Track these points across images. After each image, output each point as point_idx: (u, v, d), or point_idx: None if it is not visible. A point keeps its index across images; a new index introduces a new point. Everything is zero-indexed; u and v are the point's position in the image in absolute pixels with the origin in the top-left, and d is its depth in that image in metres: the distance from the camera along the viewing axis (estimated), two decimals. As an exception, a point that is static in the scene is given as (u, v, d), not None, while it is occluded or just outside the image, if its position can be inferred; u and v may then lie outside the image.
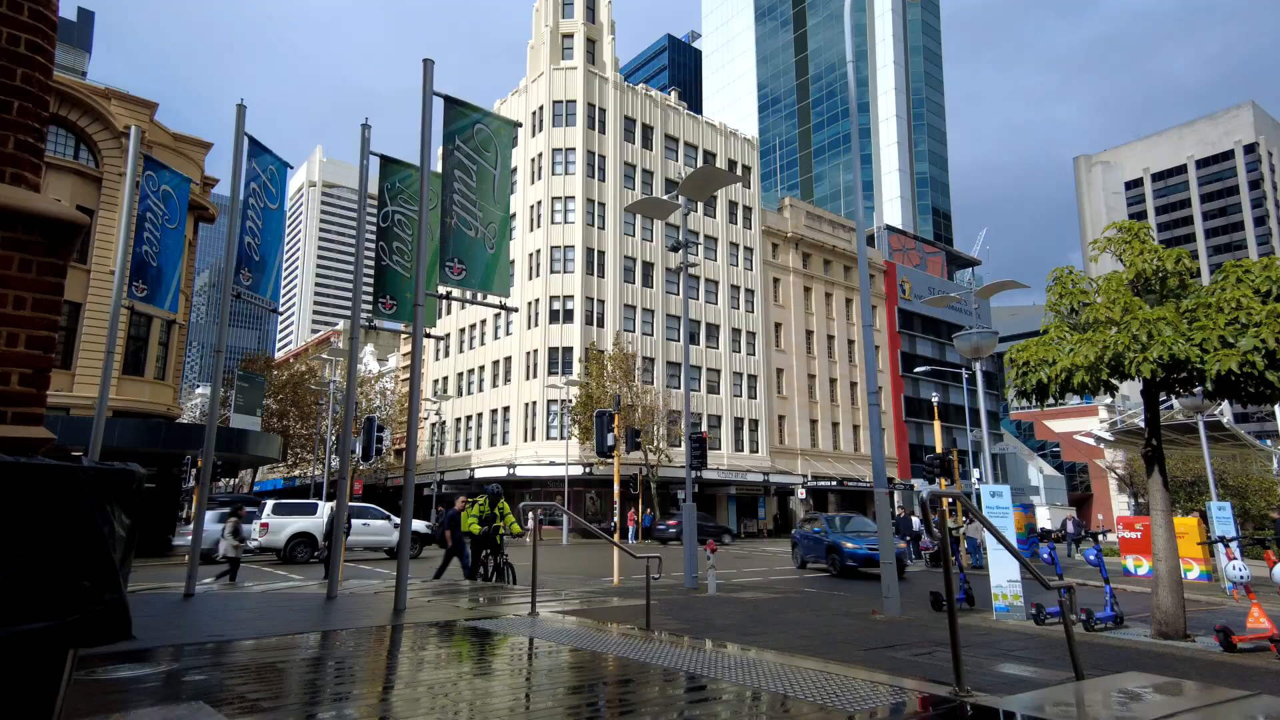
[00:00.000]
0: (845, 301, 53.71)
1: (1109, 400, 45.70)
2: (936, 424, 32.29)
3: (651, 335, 42.71)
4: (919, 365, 52.04)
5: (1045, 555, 11.00)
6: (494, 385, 44.20)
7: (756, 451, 45.49)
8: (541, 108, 43.09)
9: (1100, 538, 11.67)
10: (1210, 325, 8.34)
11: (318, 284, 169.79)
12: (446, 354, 49.47)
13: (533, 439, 40.27)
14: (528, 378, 41.16)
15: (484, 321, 45.76)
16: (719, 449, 43.22)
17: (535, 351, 40.98)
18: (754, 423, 45.92)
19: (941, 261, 68.29)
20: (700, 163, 46.45)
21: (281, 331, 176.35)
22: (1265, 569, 11.24)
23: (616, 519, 25.32)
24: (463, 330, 48.13)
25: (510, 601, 10.26)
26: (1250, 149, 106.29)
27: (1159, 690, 4.65)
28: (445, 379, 49.23)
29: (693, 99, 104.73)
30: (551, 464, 37.45)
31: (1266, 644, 7.89)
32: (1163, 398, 9.82)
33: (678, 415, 38.55)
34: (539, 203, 42.33)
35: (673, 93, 48.83)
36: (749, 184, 49.23)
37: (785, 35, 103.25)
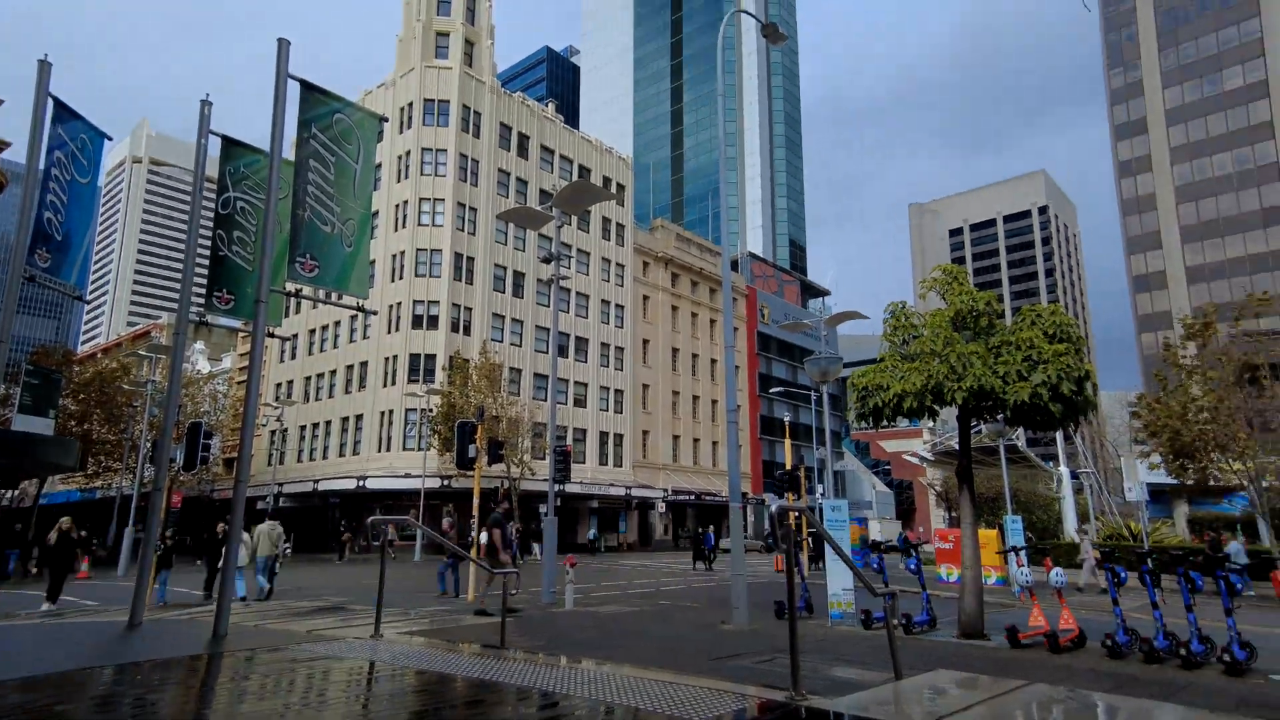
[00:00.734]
0: (709, 322, 56.02)
1: (931, 424, 51.05)
2: (787, 442, 34.48)
3: (520, 346, 42.05)
4: (774, 386, 55.37)
5: (875, 565, 12.00)
6: (346, 391, 41.37)
7: (620, 465, 46.02)
8: (411, 104, 41.34)
9: (919, 548, 12.95)
10: (1011, 360, 9.58)
11: (138, 272, 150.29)
12: (293, 356, 45.66)
13: (387, 449, 38.08)
14: (385, 384, 38.94)
15: (338, 323, 42.80)
16: (583, 462, 43.23)
17: (395, 357, 38.90)
18: (619, 437, 46.47)
19: (797, 290, 73.31)
20: (576, 176, 46.68)
21: (89, 323, 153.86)
22: (1044, 574, 13.01)
23: (475, 533, 24.46)
24: (313, 331, 44.70)
25: (353, 623, 9.58)
26: (1043, 210, 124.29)
27: (960, 685, 5.24)
28: (290, 383, 45.38)
29: (570, 113, 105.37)
30: (407, 476, 35.58)
31: (1042, 639, 9.11)
32: (973, 423, 11.11)
33: (543, 427, 38.15)
34: (405, 202, 40.45)
35: (550, 104, 48.82)
36: (623, 202, 50.15)
37: (662, 62, 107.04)
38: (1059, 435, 38.12)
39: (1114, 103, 66.32)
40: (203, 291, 10.03)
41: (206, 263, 10.07)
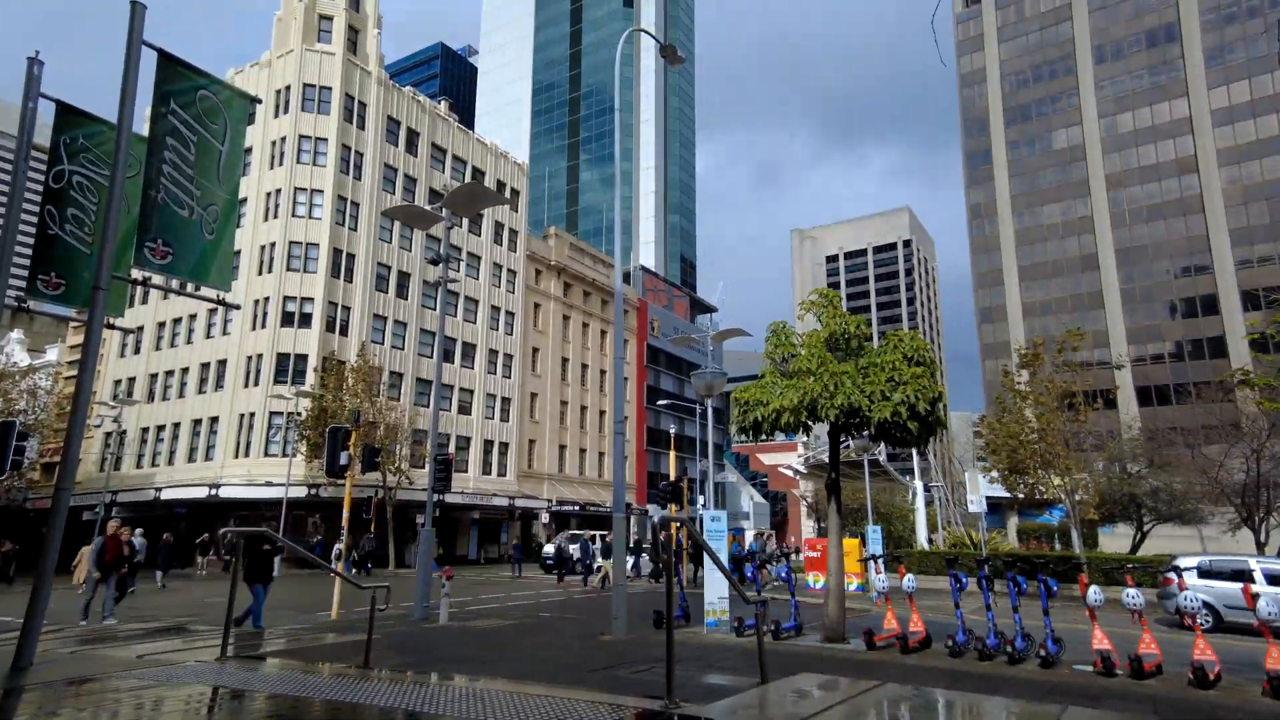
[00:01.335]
0: (600, 333, 56.27)
1: (805, 438, 54.02)
2: (672, 453, 35.19)
3: (402, 349, 40.22)
4: (661, 398, 56.42)
5: (749, 573, 12.48)
6: (200, 391, 37.73)
7: (504, 475, 45.03)
8: (289, 88, 38.67)
9: (790, 557, 13.64)
10: (876, 381, 10.34)
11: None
12: (137, 351, 41.06)
13: (246, 455, 35.04)
14: (247, 385, 35.88)
15: (193, 316, 39.01)
16: (466, 471, 41.91)
17: (260, 356, 35.96)
18: (504, 446, 45.48)
19: (687, 305, 75.31)
20: (469, 178, 45.51)
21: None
22: (898, 580, 14.08)
23: (342, 545, 22.99)
24: (162, 325, 40.46)
25: (196, 645, 8.69)
26: (907, 244, 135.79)
27: (822, 687, 5.56)
28: (132, 380, 40.75)
29: (465, 114, 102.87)
30: (268, 484, 32.88)
31: (894, 641, 9.85)
32: (842, 438, 11.88)
33: (425, 435, 36.66)
34: (277, 191, 37.66)
35: (443, 102, 47.35)
36: (517, 208, 49.46)
37: (561, 72, 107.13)
38: (915, 451, 41.49)
39: (966, 151, 73.84)
40: (23, 273, 8.79)
41: (32, 242, 8.85)
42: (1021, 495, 28.22)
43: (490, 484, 43.42)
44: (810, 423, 11.06)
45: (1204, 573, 15.07)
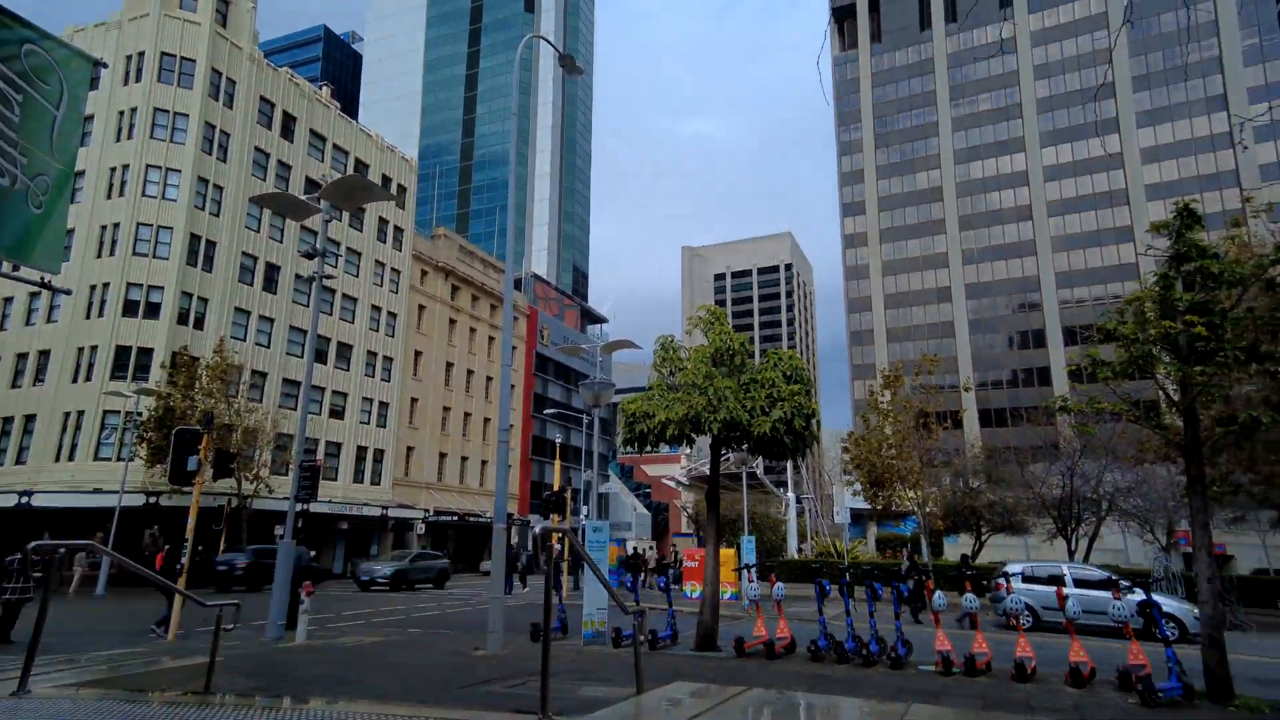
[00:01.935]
0: (488, 339, 54.93)
1: (688, 450, 55.28)
2: (557, 463, 34.90)
3: (268, 347, 37.20)
4: (548, 407, 55.88)
5: (629, 584, 12.57)
6: (15, 385, 32.97)
7: (378, 483, 42.66)
8: (143, 54, 34.91)
9: (670, 569, 13.86)
10: (757, 397, 10.80)
11: None
12: (-65, 335, 35.26)
13: (70, 459, 30.95)
14: (76, 380, 31.76)
15: (8, 300, 34.11)
16: (335, 479, 39.33)
17: (94, 348, 31.97)
18: (379, 453, 43.13)
19: (577, 315, 75.25)
20: (351, 170, 43.11)
21: None
22: (769, 588, 14.73)
23: (185, 560, 20.77)
24: (-30, 306, 35.03)
25: (-8, 682, 7.50)
26: (788, 267, 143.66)
27: (693, 695, 5.69)
28: (-73, 369, 34.90)
29: (348, 103, 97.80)
30: (97, 491, 29.18)
31: (761, 647, 10.27)
32: (723, 451, 12.28)
33: (290, 439, 34.10)
34: (125, 166, 33.81)
35: (325, 88, 44.61)
36: (404, 205, 47.40)
37: (457, 69, 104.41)
38: (790, 464, 43.63)
39: (842, 184, 79.43)
40: None
41: None
42: (880, 507, 30.45)
43: (362, 493, 41.01)
44: (694, 435, 11.36)
45: (1026, 578, 16.93)
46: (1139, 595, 10.15)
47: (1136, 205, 63.68)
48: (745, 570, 17.25)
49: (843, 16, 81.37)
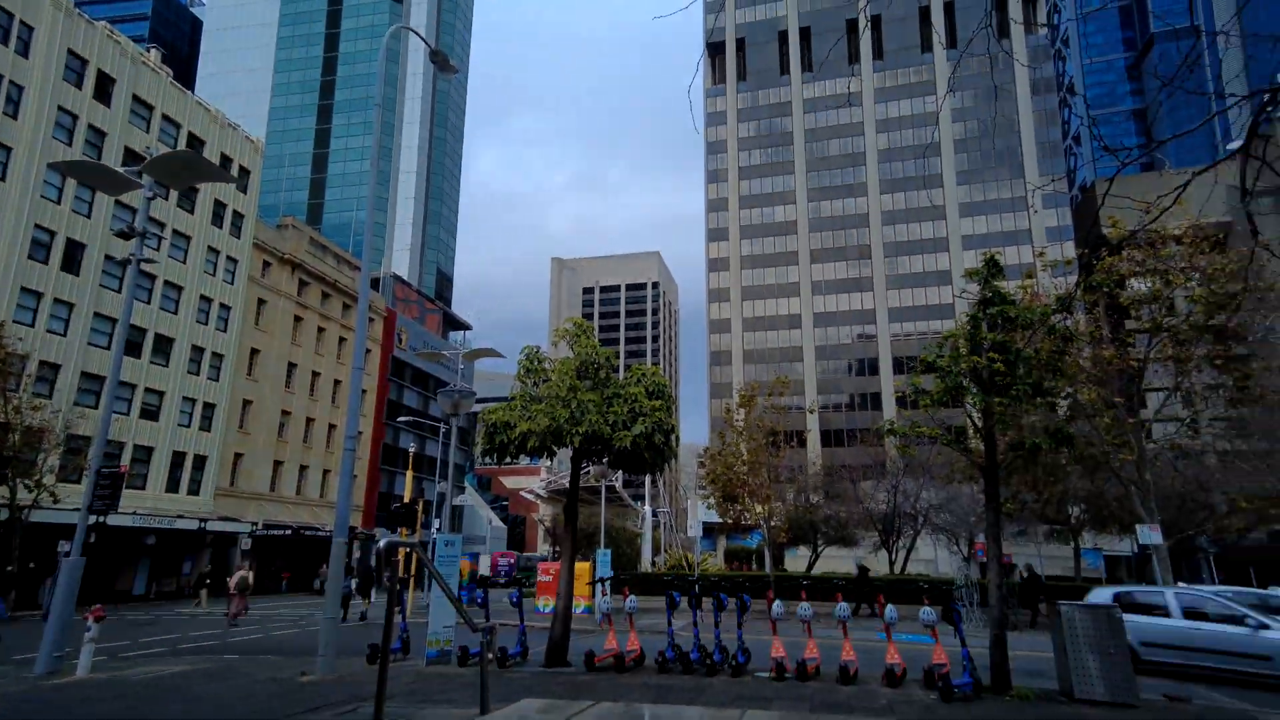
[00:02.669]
0: (339, 339, 51.22)
1: (549, 463, 54.80)
2: (409, 474, 33.14)
3: (64, 335, 32.18)
4: (403, 415, 52.97)
5: (480, 599, 12.18)
6: None
7: (198, 493, 38.11)
8: (-79, -21, 29.37)
9: (523, 582, 13.62)
10: (620, 411, 10.94)
11: None
12: None
13: None
14: None
15: None
16: (143, 488, 34.66)
17: None
18: (201, 459, 38.59)
19: (439, 319, 72.32)
20: (184, 145, 38.67)
21: None
22: (622, 601, 14.90)
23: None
24: None
25: None
26: (655, 286, 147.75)
27: (541, 712, 5.59)
28: None
29: (183, 72, 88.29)
30: None
31: (611, 660, 10.35)
32: (584, 464, 12.30)
33: (86, 442, 29.64)
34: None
35: (154, 51, 39.76)
36: (246, 189, 43.20)
37: (314, 50, 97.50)
38: (648, 478, 44.51)
39: (709, 210, 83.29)
40: None
41: None
42: (731, 521, 31.88)
43: (175, 503, 36.46)
44: (555, 448, 11.29)
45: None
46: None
47: (954, 253, 72.34)
48: (599, 584, 17.30)
49: (715, 53, 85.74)
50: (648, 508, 41.17)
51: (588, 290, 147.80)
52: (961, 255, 70.64)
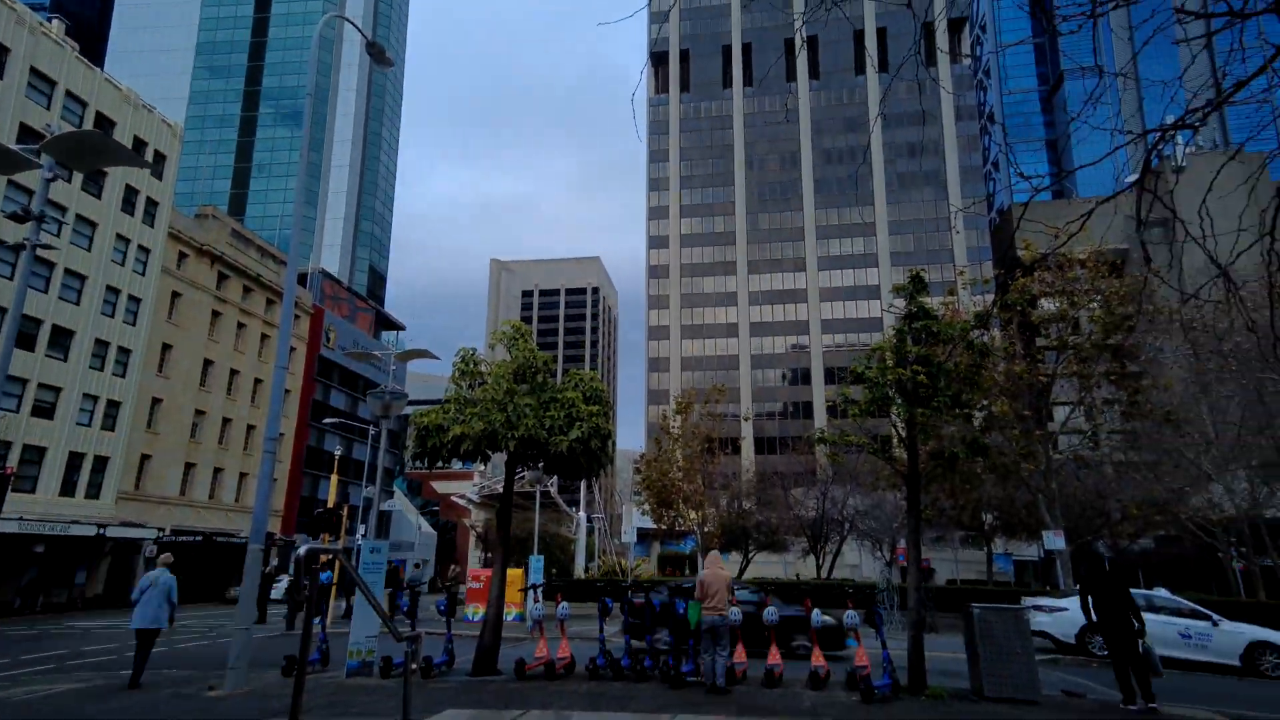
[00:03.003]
0: (261, 337, 48.79)
1: (483, 468, 53.81)
2: (334, 477, 31.83)
3: (-54, 323, 29.41)
4: (329, 416, 50.88)
5: (404, 606, 11.82)
6: None
7: (98, 497, 35.46)
8: None
9: (453, 589, 13.28)
10: (556, 416, 10.85)
11: None
12: None
13: None
14: None
15: None
16: (33, 491, 32.02)
17: None
18: (102, 461, 35.94)
19: (371, 319, 69.96)
20: (91, 125, 36.14)
21: None
22: (554, 608, 14.75)
23: None
24: None
25: None
26: (595, 291, 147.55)
27: (467, 722, 5.46)
28: None
29: (91, 47, 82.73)
30: None
31: (542, 668, 10.23)
32: (519, 469, 12.12)
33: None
34: None
35: (57, 22, 37.01)
36: (163, 175, 40.71)
37: (240, 34, 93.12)
38: (583, 484, 44.27)
39: (650, 217, 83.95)
40: None
41: None
42: (665, 527, 32.10)
43: (71, 508, 33.84)
44: (490, 452, 11.09)
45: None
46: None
47: (884, 268, 75.37)
48: (532, 590, 17.06)
49: (658, 62, 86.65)
50: (582, 513, 40.93)
51: (527, 293, 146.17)
52: (890, 271, 73.66)
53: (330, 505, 26.61)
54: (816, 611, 10.36)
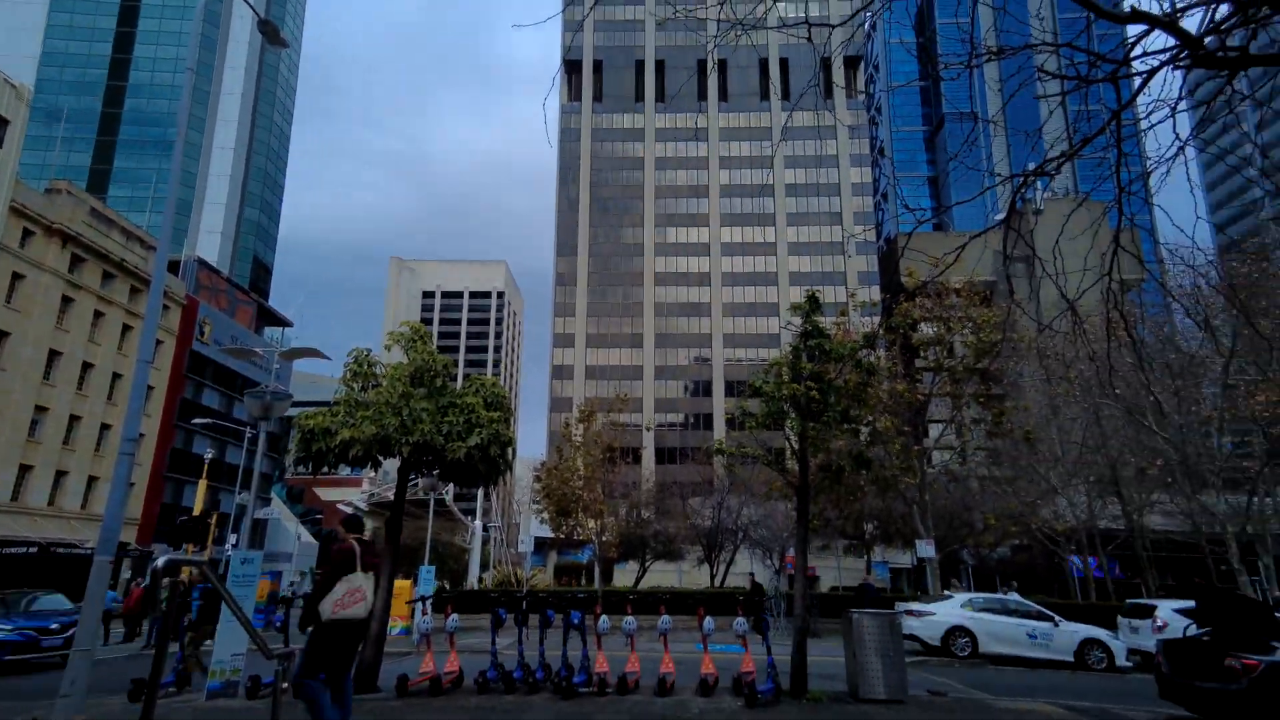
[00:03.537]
0: (123, 328, 44.23)
1: (373, 474, 51.30)
2: (203, 483, 29.28)
3: None
4: (201, 416, 46.75)
5: (278, 621, 11.05)
6: None
7: (-96, 506, 30.80)
8: None
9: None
10: (455, 421, 10.51)
11: None
12: None
13: None
14: None
15: None
16: None
17: None
18: (-87, 463, 31.27)
19: (253, 313, 65.14)
20: (-72, 75, 31.68)
21: None
22: (444, 620, 14.22)
23: None
24: None
25: None
26: (500, 295, 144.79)
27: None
28: None
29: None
30: None
31: (426, 684, 9.83)
32: (413, 476, 11.65)
33: None
34: None
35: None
36: (2, 141, 36.23)
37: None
38: (481, 492, 43.07)
39: (559, 224, 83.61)
40: None
41: None
42: (564, 536, 31.83)
43: (-127, 518, 29.20)
44: (382, 458, 10.60)
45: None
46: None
47: (783, 287, 78.74)
48: (420, 602, 16.41)
49: (572, 70, 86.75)
50: (478, 522, 39.81)
51: (428, 294, 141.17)
52: (789, 290, 77.00)
53: (197, 513, 24.45)
54: (709, 619, 10.58)
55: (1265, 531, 21.33)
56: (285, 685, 5.42)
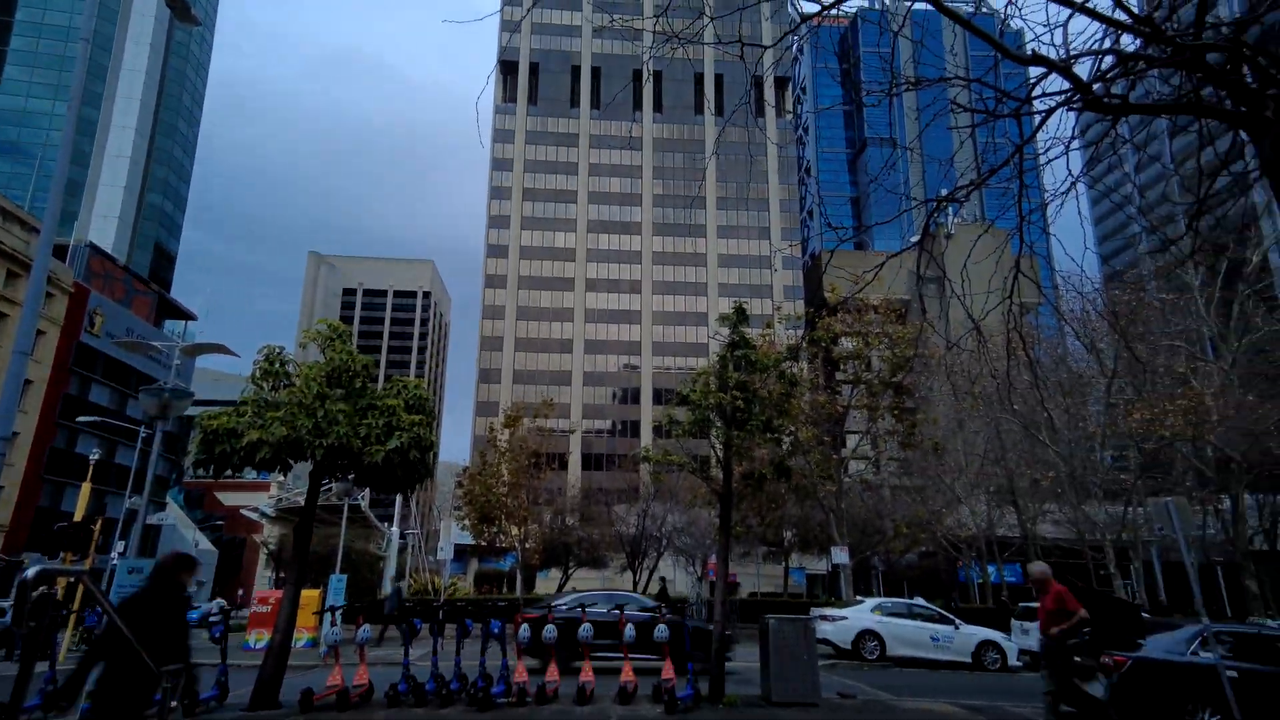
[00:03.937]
0: (0, 315, 40.33)
1: (283, 478, 48.63)
2: (86, 486, 26.92)
3: None
4: (88, 414, 43.00)
5: (214, 633, 10.30)
6: None
7: None
8: None
9: (232, 613, 11.78)
10: (374, 424, 10.11)
11: None
12: None
13: None
14: None
15: None
16: None
17: None
18: None
19: (152, 304, 60.72)
20: None
21: None
22: (353, 631, 13.63)
23: None
24: None
25: None
26: (427, 295, 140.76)
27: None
28: None
29: None
30: None
31: (334, 698, 9.38)
32: (326, 480, 11.11)
33: None
34: None
35: None
36: None
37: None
38: (400, 497, 41.58)
39: (490, 226, 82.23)
40: None
41: None
42: (486, 543, 31.13)
43: None
44: (293, 461, 10.07)
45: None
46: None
47: (712, 297, 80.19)
48: (330, 613, 15.66)
49: (508, 70, 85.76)
50: (395, 529, 38.38)
51: (349, 292, 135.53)
52: (718, 300, 78.46)
53: (78, 519, 22.46)
54: (629, 626, 10.58)
55: (1137, 539, 23.27)
56: (173, 704, 5.06)
